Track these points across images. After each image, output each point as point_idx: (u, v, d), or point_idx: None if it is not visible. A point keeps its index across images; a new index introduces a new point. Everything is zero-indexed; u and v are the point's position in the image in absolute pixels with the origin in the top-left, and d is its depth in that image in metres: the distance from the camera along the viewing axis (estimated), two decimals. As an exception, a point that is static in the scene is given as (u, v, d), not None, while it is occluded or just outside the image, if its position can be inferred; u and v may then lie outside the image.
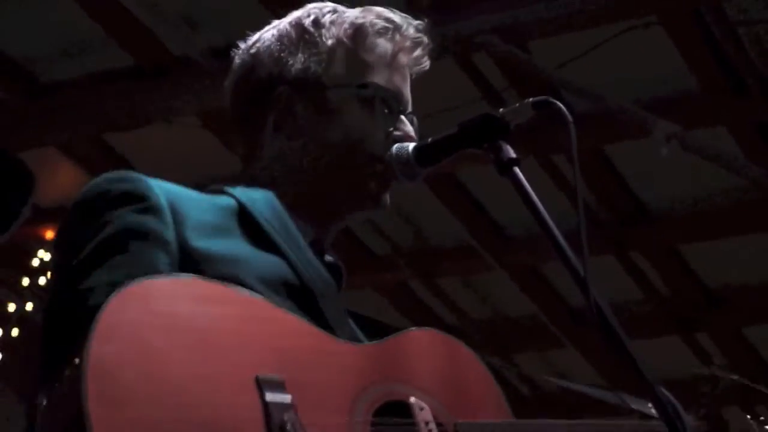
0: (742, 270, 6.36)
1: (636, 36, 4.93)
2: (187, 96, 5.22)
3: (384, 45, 2.05)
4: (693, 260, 6.27)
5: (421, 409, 1.76)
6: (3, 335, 5.92)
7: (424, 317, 6.74)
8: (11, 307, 5.94)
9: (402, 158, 1.92)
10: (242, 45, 2.11)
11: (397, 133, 1.98)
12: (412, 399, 1.76)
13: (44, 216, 5.82)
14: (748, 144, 5.23)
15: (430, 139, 1.91)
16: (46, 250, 6.14)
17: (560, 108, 1.73)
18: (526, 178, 1.69)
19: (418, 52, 2.08)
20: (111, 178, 1.80)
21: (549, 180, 5.24)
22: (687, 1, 4.81)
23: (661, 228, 6.00)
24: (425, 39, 2.07)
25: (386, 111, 2.03)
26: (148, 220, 1.73)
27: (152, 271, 1.63)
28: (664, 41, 4.87)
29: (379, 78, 2.04)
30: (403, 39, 2.07)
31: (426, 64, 2.12)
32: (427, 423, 1.75)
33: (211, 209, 1.86)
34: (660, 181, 5.56)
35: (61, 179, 5.69)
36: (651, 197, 5.74)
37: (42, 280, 6.13)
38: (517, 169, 1.71)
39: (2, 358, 5.87)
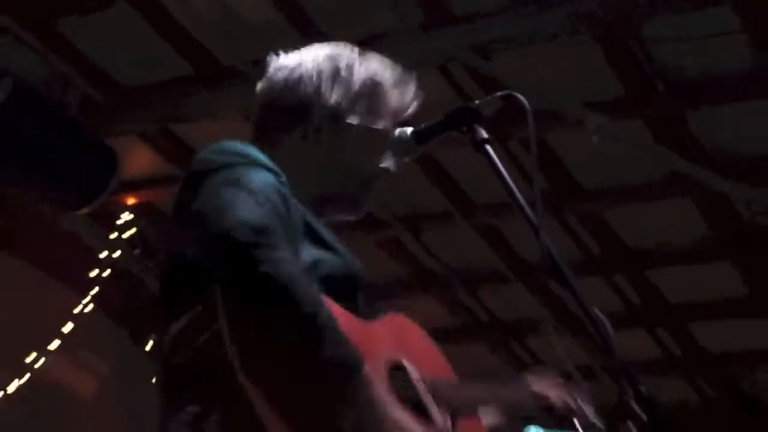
0: (654, 232, 6.26)
1: (578, 50, 4.87)
2: (233, 98, 5.13)
3: (395, 95, 2.06)
4: (616, 224, 6.23)
5: (412, 370, 1.84)
6: (98, 274, 5.91)
7: (413, 264, 6.75)
8: (103, 254, 5.94)
9: (404, 139, 1.98)
10: (282, 60, 2.08)
11: (384, 164, 2.05)
12: (405, 362, 1.84)
13: (126, 187, 5.71)
14: (657, 132, 5.29)
15: (423, 125, 1.97)
16: (129, 213, 6.06)
17: (520, 99, 1.83)
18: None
19: (413, 105, 2.09)
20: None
21: (505, 160, 5.18)
22: (615, 25, 4.72)
23: (592, 199, 5.98)
24: (416, 94, 2.09)
25: (385, 146, 2.06)
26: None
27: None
28: (598, 56, 4.88)
29: (387, 120, 2.05)
30: (405, 94, 2.08)
31: (413, 109, 2.11)
32: (418, 380, 1.84)
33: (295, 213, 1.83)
34: (591, 162, 5.58)
35: (138, 159, 5.69)
36: (583, 175, 5.74)
37: (125, 235, 6.04)
38: (488, 147, 1.81)
39: (100, 290, 5.86)
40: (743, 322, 6.96)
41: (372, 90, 2.05)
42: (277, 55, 2.10)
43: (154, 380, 1.82)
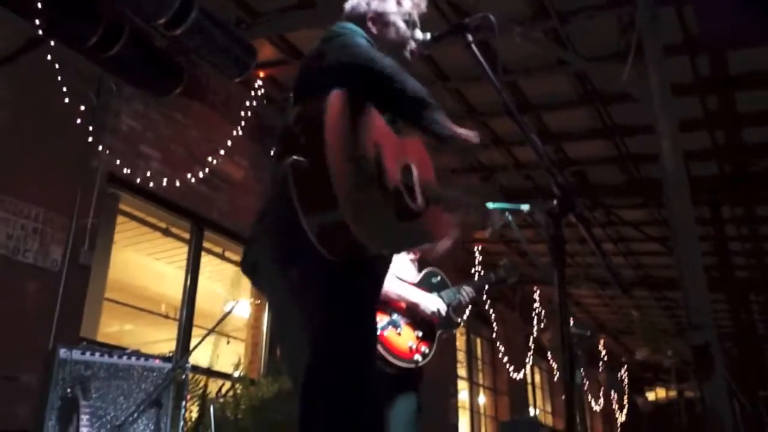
0: (547, 92, 6.27)
1: None
2: (315, 19, 5.19)
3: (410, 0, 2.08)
4: (525, 89, 6.21)
5: (414, 172, 1.84)
6: (244, 114, 6.00)
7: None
8: (246, 103, 5.96)
9: (426, 40, 2.04)
10: None
11: (416, 35, 2.05)
12: (412, 166, 1.85)
13: (258, 66, 5.67)
14: (549, 35, 5.38)
15: (437, 32, 2.02)
16: (260, 80, 6.06)
17: (490, 17, 1.85)
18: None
19: (422, 3, 2.10)
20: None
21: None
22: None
23: (513, 72, 5.86)
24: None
25: (412, 24, 2.06)
26: None
27: None
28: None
29: (411, 8, 2.07)
30: None
31: (424, 7, 2.12)
32: (416, 178, 1.84)
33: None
34: (515, 51, 5.46)
35: (265, 52, 5.74)
36: (510, 59, 5.65)
37: (259, 92, 6.07)
38: (473, 46, 1.82)
39: (245, 122, 6.00)
40: (589, 142, 6.95)
41: None
42: None
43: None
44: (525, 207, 2.80)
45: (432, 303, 3.13)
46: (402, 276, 3.16)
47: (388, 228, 1.67)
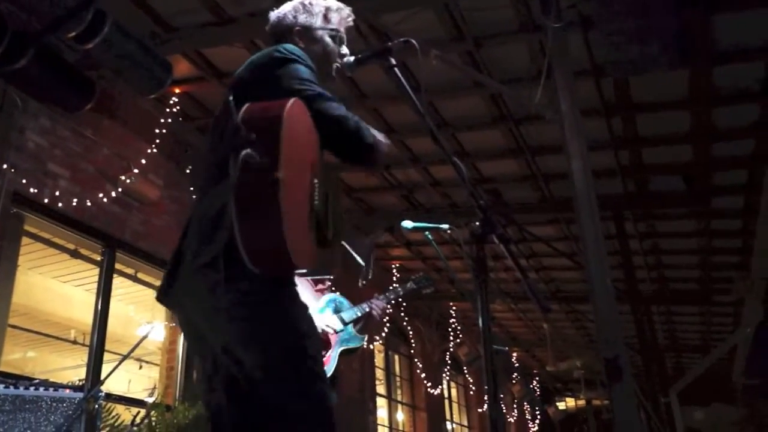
0: (462, 113, 6.41)
1: (421, 17, 5.02)
2: (235, 35, 5.21)
3: (337, 15, 2.09)
4: (443, 111, 6.33)
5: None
6: (159, 131, 5.86)
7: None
8: (161, 120, 5.91)
9: (349, 62, 2.01)
10: (276, 8, 2.11)
11: (342, 51, 2.04)
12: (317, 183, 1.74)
13: (174, 83, 5.50)
14: (465, 60, 5.49)
15: (360, 55, 2.01)
16: (176, 97, 6.01)
17: (414, 42, 1.88)
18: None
19: (349, 18, 2.11)
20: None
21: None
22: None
23: (431, 94, 5.93)
24: (351, 13, 2.13)
25: (339, 40, 2.05)
26: None
27: None
28: (433, 19, 5.11)
29: (337, 25, 2.06)
30: (343, 12, 2.11)
31: (351, 22, 2.12)
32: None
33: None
34: (431, 75, 5.44)
35: (181, 68, 5.66)
36: (428, 82, 5.65)
37: (174, 109, 6.02)
38: (396, 69, 1.88)
39: (159, 140, 5.91)
40: (503, 161, 7.16)
41: (324, 11, 2.07)
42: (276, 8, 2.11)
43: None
44: (445, 226, 2.86)
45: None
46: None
47: (311, 251, 1.64)
